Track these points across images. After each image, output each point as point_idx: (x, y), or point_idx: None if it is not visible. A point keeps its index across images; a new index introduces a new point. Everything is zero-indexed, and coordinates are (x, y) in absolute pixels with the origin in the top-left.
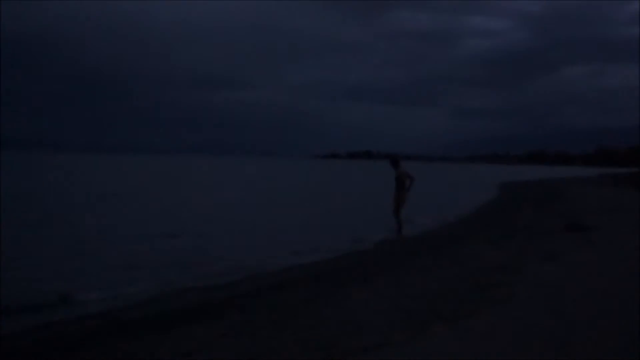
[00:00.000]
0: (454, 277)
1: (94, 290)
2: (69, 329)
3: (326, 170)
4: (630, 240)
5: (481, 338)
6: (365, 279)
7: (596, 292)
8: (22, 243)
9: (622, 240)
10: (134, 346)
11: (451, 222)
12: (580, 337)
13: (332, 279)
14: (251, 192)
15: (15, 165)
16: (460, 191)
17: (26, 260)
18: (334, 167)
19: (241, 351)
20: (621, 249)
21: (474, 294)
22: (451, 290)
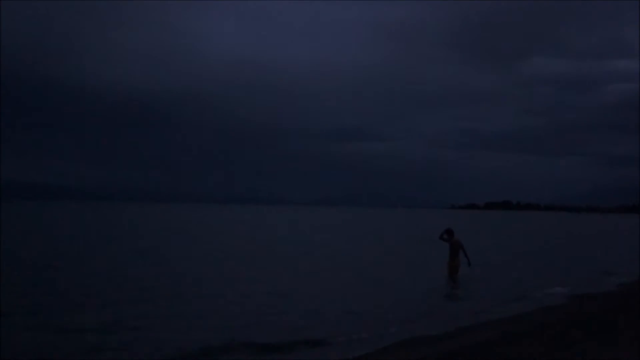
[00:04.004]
0: None
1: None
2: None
3: (469, 221)
4: None
5: None
6: (606, 332)
7: None
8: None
9: None
10: None
11: None
12: None
13: (562, 329)
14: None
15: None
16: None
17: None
18: (470, 218)
19: None
20: None
21: None
22: None
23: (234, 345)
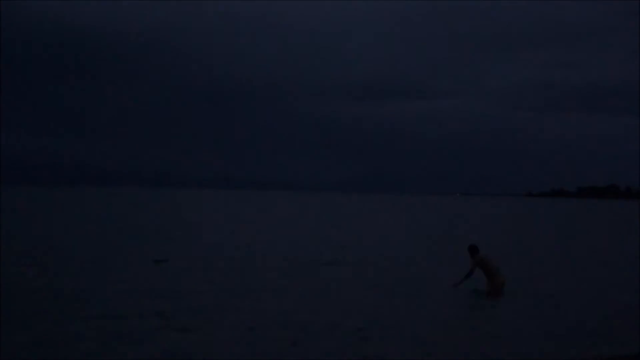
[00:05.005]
0: None
1: None
2: None
3: (546, 215)
4: None
5: None
6: None
7: None
8: None
9: None
10: None
11: None
12: None
13: None
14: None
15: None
16: None
17: None
18: (553, 210)
19: None
20: None
21: None
22: None
23: None
